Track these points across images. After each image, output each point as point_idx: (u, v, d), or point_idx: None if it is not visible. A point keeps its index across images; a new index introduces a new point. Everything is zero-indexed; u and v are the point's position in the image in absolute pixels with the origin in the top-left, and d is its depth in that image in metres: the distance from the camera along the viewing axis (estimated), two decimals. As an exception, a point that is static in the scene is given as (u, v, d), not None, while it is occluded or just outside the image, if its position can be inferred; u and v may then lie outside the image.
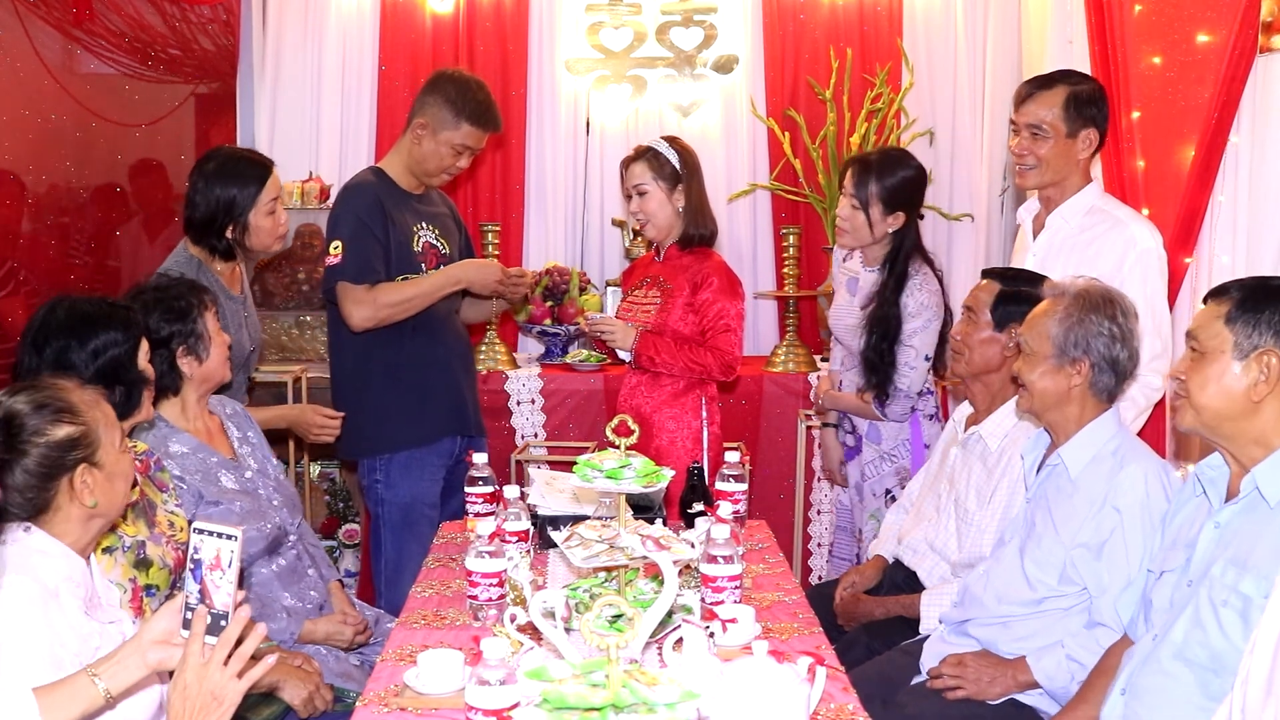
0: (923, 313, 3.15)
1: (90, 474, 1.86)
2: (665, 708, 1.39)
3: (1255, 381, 1.87)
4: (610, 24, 4.82)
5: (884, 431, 3.26)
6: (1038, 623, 2.30)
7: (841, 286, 3.41)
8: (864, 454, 3.32)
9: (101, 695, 1.68)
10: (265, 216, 3.04)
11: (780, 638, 2.19)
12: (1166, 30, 3.24)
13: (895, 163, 3.21)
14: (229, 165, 3.05)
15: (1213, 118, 3.10)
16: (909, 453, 3.23)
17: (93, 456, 1.86)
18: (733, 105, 4.85)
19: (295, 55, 4.80)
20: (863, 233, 3.21)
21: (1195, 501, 2.05)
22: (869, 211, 3.17)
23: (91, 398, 1.90)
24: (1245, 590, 1.82)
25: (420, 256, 3.24)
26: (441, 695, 1.91)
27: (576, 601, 2.13)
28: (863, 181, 3.17)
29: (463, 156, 3.24)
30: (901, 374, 3.16)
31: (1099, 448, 2.27)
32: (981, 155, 4.84)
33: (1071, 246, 2.87)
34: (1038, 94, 2.87)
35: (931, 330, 3.16)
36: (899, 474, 3.25)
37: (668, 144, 3.24)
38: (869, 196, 3.16)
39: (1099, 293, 2.30)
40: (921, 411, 3.26)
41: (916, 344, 3.15)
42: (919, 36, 4.80)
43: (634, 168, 3.22)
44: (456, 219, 3.49)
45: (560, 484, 2.83)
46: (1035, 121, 2.86)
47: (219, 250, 3.04)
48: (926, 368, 3.18)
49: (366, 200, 3.17)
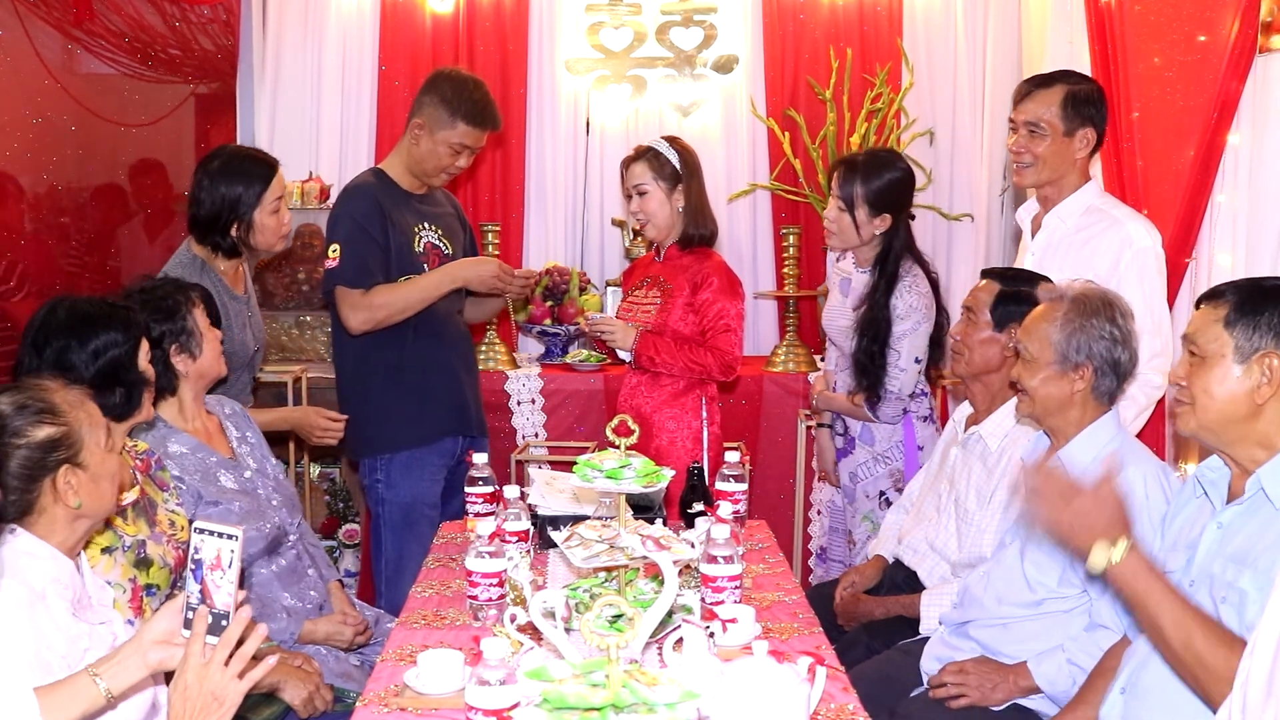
0: (911, 315, 3.13)
1: (74, 475, 1.84)
2: (665, 708, 1.39)
3: (1258, 384, 1.86)
4: (610, 24, 4.82)
5: (877, 433, 3.26)
6: (1038, 624, 2.30)
7: (834, 287, 3.42)
8: (856, 455, 3.31)
9: (103, 695, 1.68)
10: (270, 215, 3.04)
11: (780, 638, 2.19)
12: (1166, 30, 3.25)
13: (882, 164, 3.20)
14: (234, 163, 3.05)
15: (1212, 118, 3.11)
16: (903, 454, 3.23)
17: (76, 457, 1.85)
18: (733, 105, 4.85)
19: (295, 55, 4.80)
20: (849, 234, 3.21)
21: (1196, 503, 2.04)
22: (855, 213, 3.17)
23: (75, 398, 1.89)
24: (1243, 586, 1.81)
25: (422, 257, 3.24)
26: (441, 695, 1.91)
27: (576, 601, 2.12)
28: (848, 182, 3.17)
29: (461, 156, 3.22)
30: (892, 376, 3.15)
31: (1099, 449, 2.27)
32: (981, 155, 4.84)
33: (1068, 246, 2.87)
34: (1036, 92, 2.87)
35: (921, 333, 3.15)
36: (892, 476, 3.24)
37: (668, 144, 3.24)
38: (854, 198, 3.16)
39: (1097, 296, 2.30)
40: (915, 414, 3.25)
41: (905, 347, 3.14)
42: (919, 36, 4.80)
43: (634, 167, 3.22)
44: (461, 219, 3.48)
45: (560, 484, 2.83)
46: (1033, 119, 2.86)
47: (223, 248, 3.04)
48: (918, 370, 3.17)
49: (365, 203, 3.17)
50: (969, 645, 2.38)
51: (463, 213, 3.52)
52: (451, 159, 3.22)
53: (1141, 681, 1.94)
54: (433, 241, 3.28)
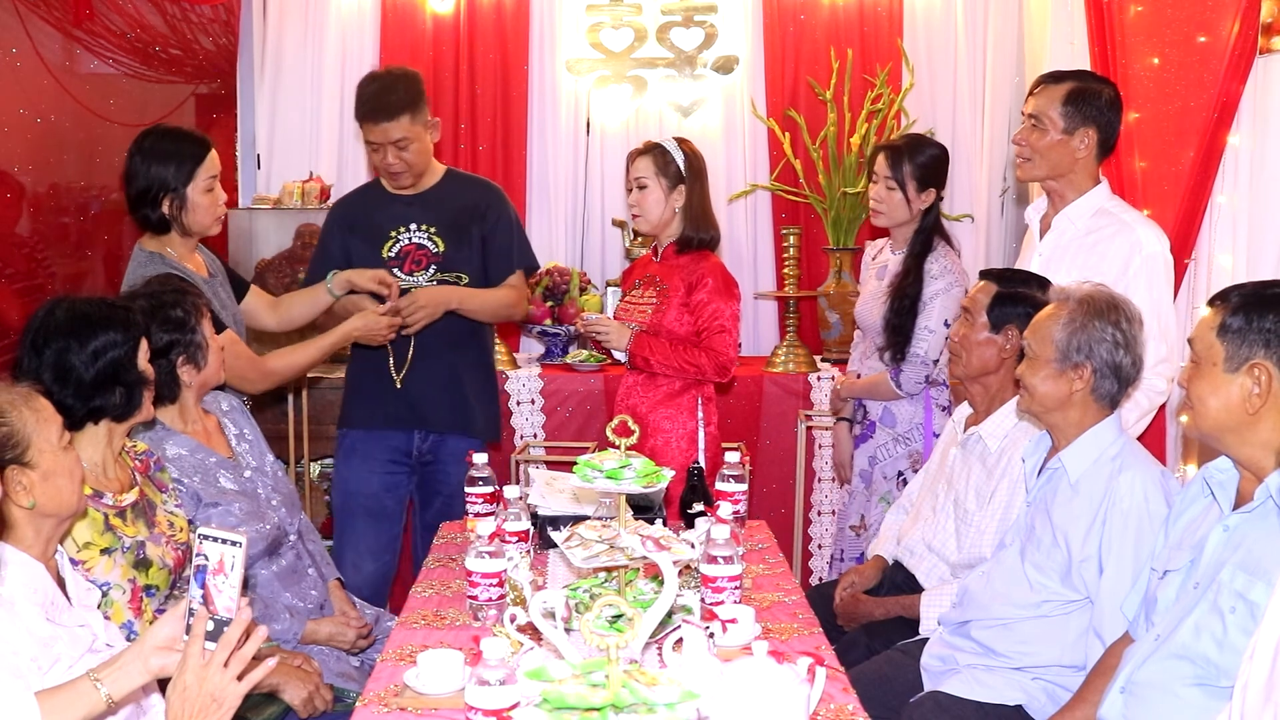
0: (945, 275, 3.25)
1: (24, 474, 1.82)
2: (665, 708, 1.38)
3: (1249, 394, 1.84)
4: (610, 24, 4.82)
5: (898, 414, 3.30)
6: (1039, 625, 2.30)
7: (871, 278, 3.49)
8: (876, 438, 3.35)
9: (104, 700, 1.68)
10: (203, 194, 3.00)
11: (780, 638, 2.19)
12: (1166, 31, 3.24)
13: (924, 143, 3.44)
14: (167, 140, 3.02)
15: (1212, 119, 3.10)
16: (923, 436, 3.28)
17: (22, 456, 1.82)
18: (733, 105, 4.85)
19: (295, 55, 4.80)
20: (899, 211, 3.36)
21: (1203, 503, 2.02)
22: (905, 190, 3.33)
23: (20, 396, 1.86)
24: (1254, 598, 1.80)
25: (394, 261, 3.31)
26: (441, 695, 1.91)
27: (576, 602, 2.12)
28: (896, 163, 3.34)
29: (380, 153, 3.25)
30: (920, 337, 3.23)
31: (1100, 452, 2.27)
32: (982, 156, 4.83)
33: (1077, 249, 2.86)
34: (1045, 87, 2.90)
35: (953, 296, 3.21)
36: (911, 457, 3.29)
37: (677, 144, 3.27)
38: (904, 175, 3.33)
39: (1104, 298, 2.29)
40: (935, 401, 3.30)
41: (936, 306, 3.23)
42: (919, 37, 4.80)
43: (639, 161, 3.25)
44: (485, 212, 3.38)
45: (560, 484, 2.83)
46: (1035, 112, 2.88)
47: (152, 223, 2.99)
48: (944, 335, 3.18)
49: (331, 212, 3.47)
50: (969, 645, 2.37)
51: (492, 204, 3.41)
52: (378, 158, 3.28)
53: (1142, 681, 1.94)
54: (419, 242, 3.32)
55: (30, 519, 1.85)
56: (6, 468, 1.81)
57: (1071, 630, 2.26)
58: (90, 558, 2.09)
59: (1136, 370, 2.29)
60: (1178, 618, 1.92)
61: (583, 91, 4.86)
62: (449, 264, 3.33)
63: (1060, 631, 2.27)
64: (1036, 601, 2.29)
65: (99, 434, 2.21)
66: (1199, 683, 1.87)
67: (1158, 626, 1.98)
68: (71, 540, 2.06)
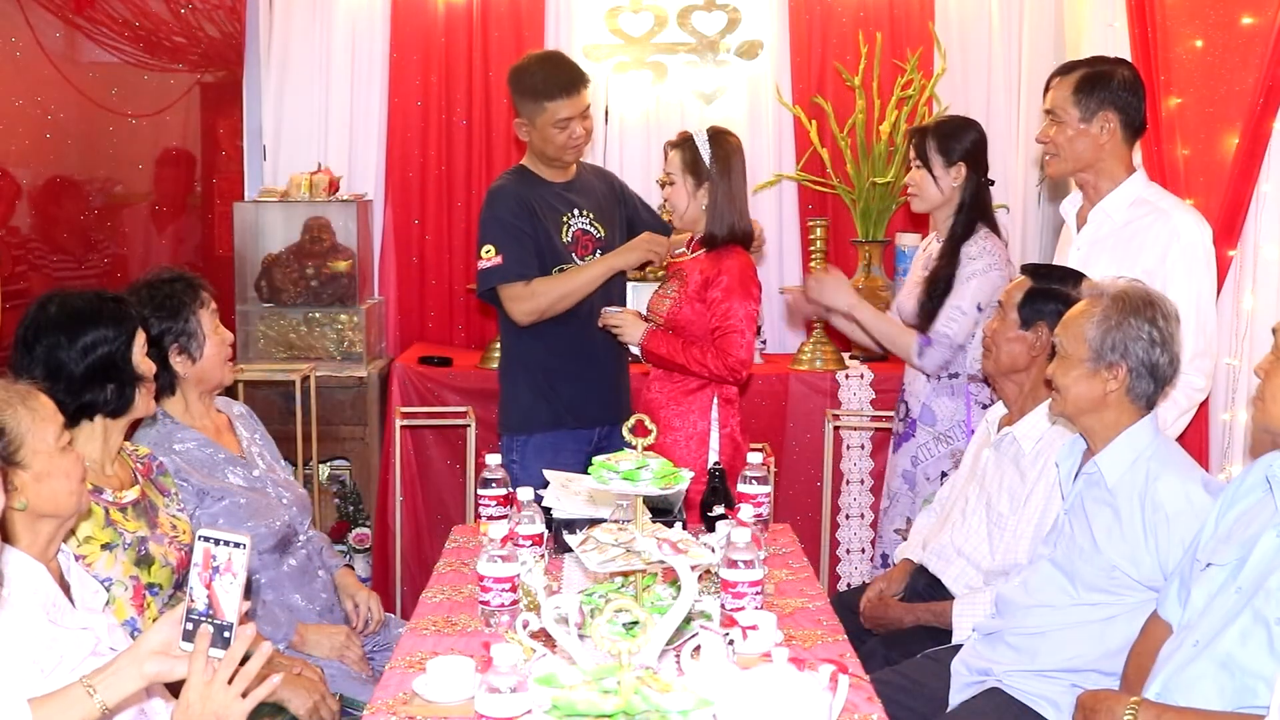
0: (983, 257, 3.10)
1: (16, 475, 1.80)
2: (679, 715, 1.39)
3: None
4: (630, 8, 4.75)
5: (938, 412, 3.20)
6: (1076, 633, 2.25)
7: (918, 268, 3.39)
8: (917, 437, 3.26)
9: (97, 708, 1.66)
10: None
11: (803, 645, 2.17)
12: (1209, 12, 3.19)
13: (951, 121, 3.31)
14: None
15: (1258, 103, 3.03)
16: (964, 434, 3.17)
17: (14, 456, 1.80)
18: (757, 92, 4.77)
19: (303, 43, 4.73)
20: (930, 191, 3.21)
21: (1260, 497, 1.96)
22: (931, 169, 3.19)
23: (18, 394, 1.85)
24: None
25: (570, 246, 3.32)
26: (451, 703, 1.90)
27: (591, 607, 2.08)
28: (920, 141, 3.22)
29: (570, 125, 3.26)
30: (949, 317, 3.09)
31: (1136, 455, 2.21)
32: (1018, 144, 4.73)
33: (1115, 240, 2.81)
34: (1057, 80, 2.89)
35: (989, 279, 3.08)
36: (954, 456, 3.19)
37: (708, 138, 3.18)
38: (927, 152, 3.20)
39: (1139, 295, 2.24)
40: (975, 398, 3.20)
41: (970, 288, 3.08)
42: (952, 20, 4.70)
43: (670, 155, 3.22)
44: (621, 194, 3.53)
45: (576, 486, 2.80)
46: (1051, 107, 2.87)
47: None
48: (974, 320, 3.09)
49: (510, 201, 3.29)
50: (1003, 653, 2.33)
51: (621, 186, 3.57)
52: (565, 135, 3.26)
53: (1179, 685, 1.90)
54: (583, 228, 3.36)
55: (26, 520, 1.83)
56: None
57: (1112, 638, 2.21)
58: (91, 552, 2.09)
59: (1174, 369, 2.24)
60: (1219, 624, 1.88)
61: (601, 78, 4.78)
62: (609, 249, 3.38)
63: (1098, 639, 2.22)
64: (1074, 610, 2.25)
65: (95, 430, 2.22)
66: (1238, 695, 1.82)
67: (1197, 631, 1.93)
68: (72, 535, 2.06)
